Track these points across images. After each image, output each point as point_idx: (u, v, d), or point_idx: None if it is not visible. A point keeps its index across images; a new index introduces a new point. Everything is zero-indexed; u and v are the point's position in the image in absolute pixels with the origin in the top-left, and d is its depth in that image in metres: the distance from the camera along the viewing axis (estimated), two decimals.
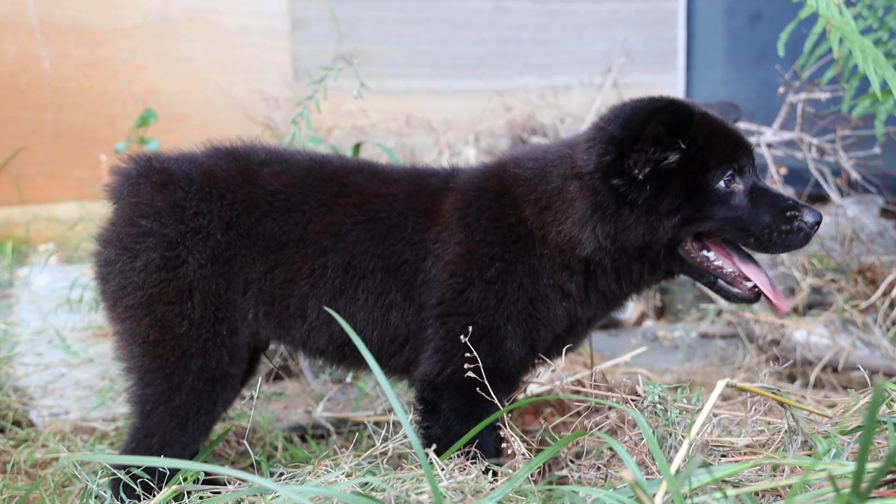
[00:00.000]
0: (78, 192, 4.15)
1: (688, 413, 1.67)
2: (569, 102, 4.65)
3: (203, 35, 4.44)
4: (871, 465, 1.24)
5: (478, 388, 1.83)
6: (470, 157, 4.07)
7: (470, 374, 1.82)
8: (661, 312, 3.46)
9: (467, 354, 1.83)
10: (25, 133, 4.17)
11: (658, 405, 1.67)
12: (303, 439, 2.49)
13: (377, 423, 2.42)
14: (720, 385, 1.39)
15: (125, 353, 2.00)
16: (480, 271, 1.91)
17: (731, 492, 1.17)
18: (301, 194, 2.01)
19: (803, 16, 2.73)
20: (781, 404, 1.55)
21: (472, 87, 4.82)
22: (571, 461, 1.82)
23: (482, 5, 4.92)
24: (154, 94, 4.34)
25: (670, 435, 1.65)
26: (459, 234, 1.94)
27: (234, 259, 1.98)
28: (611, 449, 1.71)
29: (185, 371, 1.95)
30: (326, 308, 1.93)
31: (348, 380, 2.76)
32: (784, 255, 3.20)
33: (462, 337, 1.85)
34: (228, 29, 4.48)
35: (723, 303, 3.08)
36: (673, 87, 5.30)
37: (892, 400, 1.69)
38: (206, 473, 1.76)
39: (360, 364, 2.08)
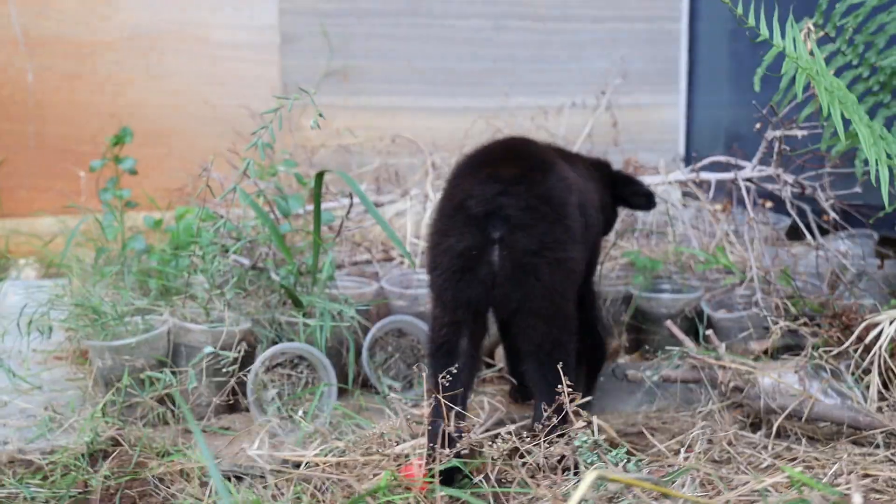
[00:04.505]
0: (58, 205, 4.14)
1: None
2: (559, 124, 4.58)
3: (191, 48, 4.41)
4: None
5: None
6: None
7: None
8: (634, 347, 3.38)
9: None
10: (8, 145, 4.17)
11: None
12: (239, 479, 2.43)
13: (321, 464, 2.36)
14: (590, 476, 1.31)
15: None
16: None
17: None
18: None
19: (770, 57, 2.63)
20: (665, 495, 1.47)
21: (465, 105, 4.76)
22: None
23: (480, 23, 4.85)
24: (139, 107, 4.32)
25: None
26: None
27: None
28: None
29: None
30: None
31: (300, 414, 2.70)
32: (759, 295, 3.11)
33: None
34: (217, 42, 4.45)
35: (689, 344, 2.99)
36: (674, 107, 5.21)
37: None
38: None
39: None
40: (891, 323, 2.86)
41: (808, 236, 3.10)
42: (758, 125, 3.03)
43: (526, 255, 2.24)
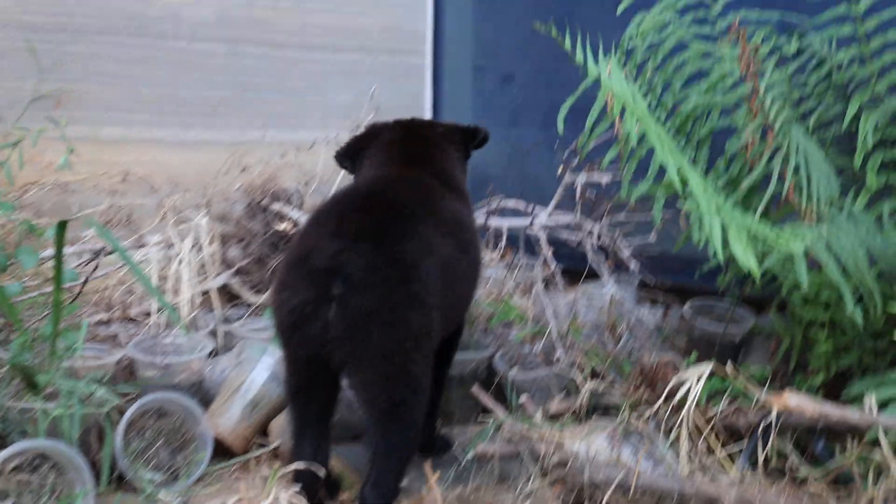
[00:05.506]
0: None
1: None
2: (314, 161, 4.17)
3: None
4: None
5: None
6: (202, 226, 3.49)
7: None
8: (448, 418, 3.04)
9: None
10: None
11: None
12: None
13: None
14: None
15: None
16: None
17: None
18: None
19: (587, 84, 2.41)
20: None
21: (202, 138, 4.23)
22: None
23: (213, 48, 4.35)
24: None
25: None
26: None
27: None
28: None
29: None
30: None
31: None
32: (560, 351, 2.90)
33: None
34: None
35: (501, 415, 2.71)
36: None
37: None
38: None
39: None
40: (698, 380, 2.75)
41: (606, 280, 2.93)
42: (561, 168, 2.84)
43: (359, 317, 2.05)
